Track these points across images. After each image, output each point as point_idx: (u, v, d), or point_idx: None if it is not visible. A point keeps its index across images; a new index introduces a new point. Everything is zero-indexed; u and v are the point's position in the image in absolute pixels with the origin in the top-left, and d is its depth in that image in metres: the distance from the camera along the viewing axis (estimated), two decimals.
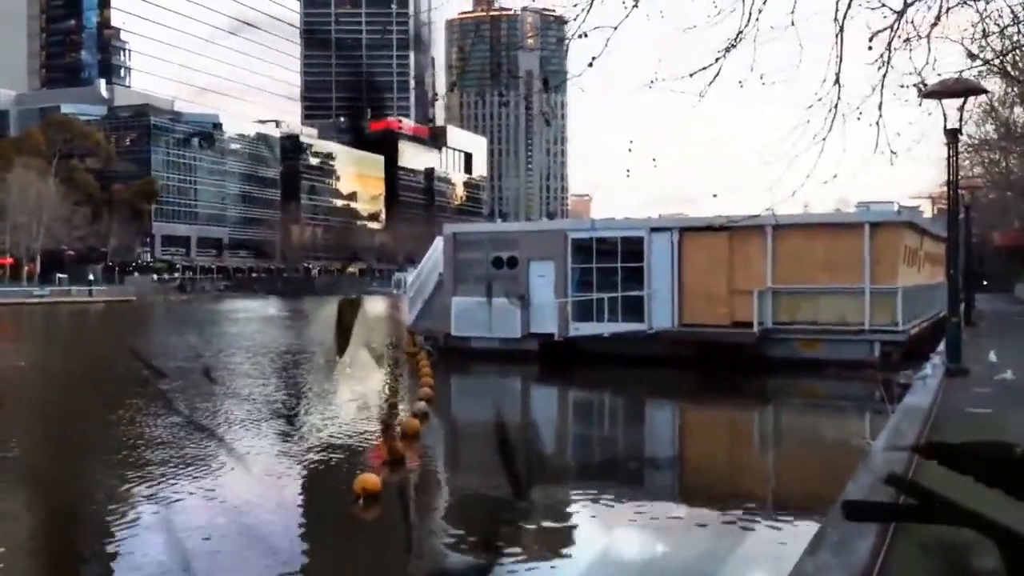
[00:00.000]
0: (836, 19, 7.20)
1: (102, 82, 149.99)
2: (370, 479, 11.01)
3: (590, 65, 6.72)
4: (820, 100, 7.37)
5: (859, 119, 8.03)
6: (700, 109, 8.70)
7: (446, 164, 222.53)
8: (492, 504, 11.77)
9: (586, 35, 6.48)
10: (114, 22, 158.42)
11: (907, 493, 1.11)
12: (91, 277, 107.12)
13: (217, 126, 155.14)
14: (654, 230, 27.85)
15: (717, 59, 7.43)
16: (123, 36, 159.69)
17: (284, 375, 27.63)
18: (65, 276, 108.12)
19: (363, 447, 15.10)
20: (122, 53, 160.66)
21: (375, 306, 57.79)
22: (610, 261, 28.06)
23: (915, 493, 1.10)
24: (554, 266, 28.32)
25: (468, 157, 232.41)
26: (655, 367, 25.09)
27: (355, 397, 22.81)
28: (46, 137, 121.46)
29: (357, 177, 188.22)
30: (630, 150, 8.14)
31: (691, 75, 7.63)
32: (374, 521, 10.66)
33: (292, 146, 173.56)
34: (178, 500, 11.59)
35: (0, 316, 64.87)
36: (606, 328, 27.30)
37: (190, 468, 13.18)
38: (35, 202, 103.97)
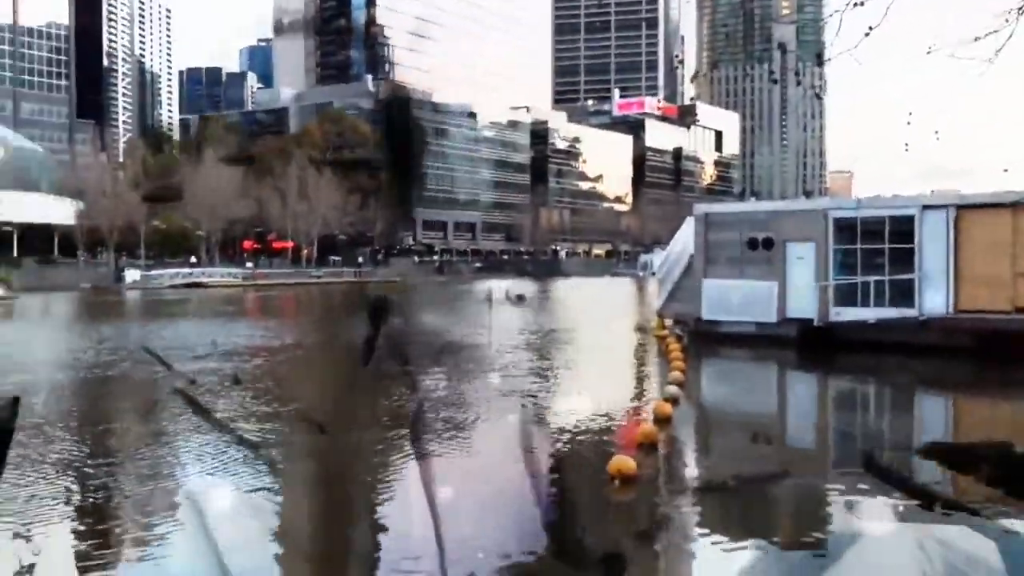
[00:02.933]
0: None
1: (369, 77, 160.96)
2: (625, 461, 11.08)
3: (867, 34, 6.29)
4: None
5: None
6: (985, 76, 7.90)
7: (695, 142, 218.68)
8: (745, 493, 11.49)
9: (862, 3, 6.05)
10: (379, 20, 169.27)
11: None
12: (360, 260, 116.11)
13: (472, 115, 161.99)
14: (927, 208, 25.81)
15: (1007, 21, 6.70)
16: (387, 32, 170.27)
17: (540, 352, 28.25)
18: (339, 259, 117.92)
19: (614, 429, 15.20)
20: (386, 49, 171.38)
21: (619, 289, 57.79)
22: (876, 242, 26.33)
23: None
24: (814, 247, 26.99)
25: (719, 135, 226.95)
26: (926, 356, 23.29)
27: (605, 378, 23.04)
28: (321, 131, 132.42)
29: (604, 159, 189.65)
30: (909, 123, 7.52)
31: (976, 40, 6.93)
32: (629, 503, 10.73)
33: (541, 131, 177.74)
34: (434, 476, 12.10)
35: (283, 293, 72.76)
36: (872, 314, 25.70)
37: (438, 444, 13.70)
38: (313, 191, 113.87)
